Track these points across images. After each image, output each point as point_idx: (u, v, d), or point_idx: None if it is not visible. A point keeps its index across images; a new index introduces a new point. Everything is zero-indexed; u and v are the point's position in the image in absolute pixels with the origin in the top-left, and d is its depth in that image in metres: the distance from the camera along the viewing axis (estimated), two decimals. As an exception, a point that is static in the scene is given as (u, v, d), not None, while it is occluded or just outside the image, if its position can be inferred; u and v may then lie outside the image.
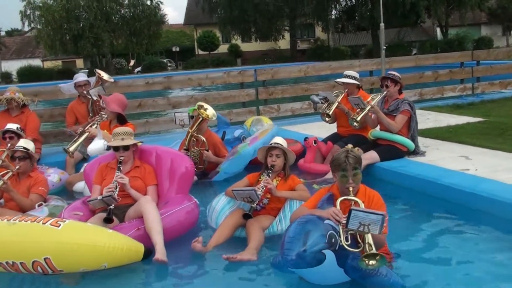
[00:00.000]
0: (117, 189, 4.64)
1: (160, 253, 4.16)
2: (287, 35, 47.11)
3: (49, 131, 8.46)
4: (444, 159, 6.16)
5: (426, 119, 9.21)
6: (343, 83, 6.90)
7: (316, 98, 6.84)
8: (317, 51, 44.19)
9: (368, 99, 6.38)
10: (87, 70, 42.37)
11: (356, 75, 6.92)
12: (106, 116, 6.58)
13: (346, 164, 3.73)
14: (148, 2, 46.41)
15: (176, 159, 5.12)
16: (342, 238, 3.49)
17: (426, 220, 4.98)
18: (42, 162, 7.24)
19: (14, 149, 5.29)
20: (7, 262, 3.93)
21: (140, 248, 4.18)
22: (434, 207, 5.22)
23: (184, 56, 52.88)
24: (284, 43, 48.13)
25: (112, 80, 8.13)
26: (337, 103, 6.70)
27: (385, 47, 9.87)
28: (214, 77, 9.59)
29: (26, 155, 5.26)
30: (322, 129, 7.57)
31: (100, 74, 7.83)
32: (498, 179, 5.14)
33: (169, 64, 51.40)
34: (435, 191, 5.34)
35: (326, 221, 3.57)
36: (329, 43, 49.81)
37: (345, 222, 3.44)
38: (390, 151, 6.27)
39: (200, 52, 52.79)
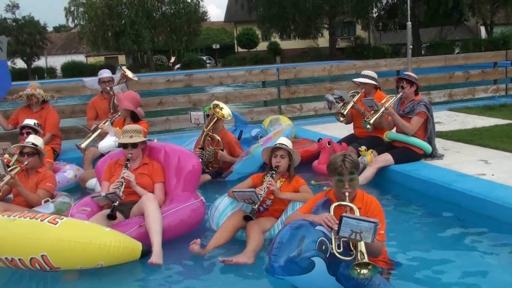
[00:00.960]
0: (123, 186, 4.66)
1: (156, 255, 4.14)
2: (326, 33, 46.71)
3: (70, 127, 8.58)
4: (462, 163, 5.95)
5: (453, 120, 8.96)
6: (360, 83, 6.74)
7: (331, 97, 6.71)
8: (357, 49, 43.69)
9: (383, 101, 6.21)
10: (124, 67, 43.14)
11: (374, 75, 6.76)
12: (119, 113, 6.62)
13: (343, 168, 3.61)
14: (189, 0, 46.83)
15: (183, 156, 5.10)
16: (334, 245, 3.38)
17: (436, 226, 4.81)
18: (62, 158, 7.36)
19: (23, 144, 5.37)
20: (6, 258, 3.96)
21: (137, 246, 4.17)
22: (446, 213, 5.02)
23: (224, 54, 53.14)
24: (323, 41, 47.76)
25: (136, 78, 8.21)
26: (352, 103, 6.56)
27: (411, 47, 9.61)
28: (236, 76, 9.54)
29: (35, 151, 5.34)
30: (343, 130, 7.42)
31: (125, 72, 7.92)
32: (513, 185, 4.92)
33: (208, 61, 51.73)
34: (447, 196, 5.15)
35: (318, 227, 3.47)
36: (369, 42, 49.20)
37: (337, 228, 3.34)
38: (405, 154, 6.10)
39: (240, 49, 52.93)
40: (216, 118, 6.51)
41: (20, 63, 54.13)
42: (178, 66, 48.07)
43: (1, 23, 53.25)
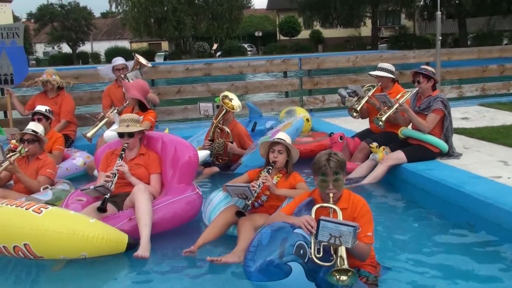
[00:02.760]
0: (116, 177, 4.58)
1: (143, 248, 4.05)
2: (369, 22, 45.88)
3: (89, 114, 8.59)
4: (479, 163, 5.63)
5: (482, 116, 8.55)
6: (377, 76, 6.47)
7: (343, 92, 6.45)
8: (400, 39, 42.73)
9: (398, 96, 5.93)
10: (164, 53, 43.57)
11: (392, 67, 6.45)
12: (128, 102, 6.55)
13: (326, 168, 3.42)
14: (231, -13, 46.77)
15: (180, 147, 4.97)
16: (313, 249, 3.22)
17: (442, 230, 4.54)
18: (75, 145, 7.38)
19: (23, 131, 5.36)
20: (-8, 245, 3.98)
21: (123, 239, 4.12)
22: (454, 217, 4.75)
23: (266, 41, 52.99)
24: (366, 30, 46.95)
25: (150, 65, 8.14)
26: (367, 98, 6.29)
27: (440, 38, 9.16)
28: (256, 65, 9.36)
29: (35, 138, 5.33)
30: (363, 125, 7.16)
31: (138, 59, 7.86)
32: (530, 191, 4.60)
33: (249, 49, 51.64)
34: (457, 199, 4.85)
35: (297, 230, 3.32)
36: (414, 31, 48.08)
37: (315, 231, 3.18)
38: (420, 152, 5.82)
39: (282, 37, 52.60)
40: (225, 110, 6.37)
41: (65, 48, 55.38)
42: (219, 53, 48.18)
43: (48, 9, 54.53)
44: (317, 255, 3.20)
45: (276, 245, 3.21)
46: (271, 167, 4.53)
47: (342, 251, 3.14)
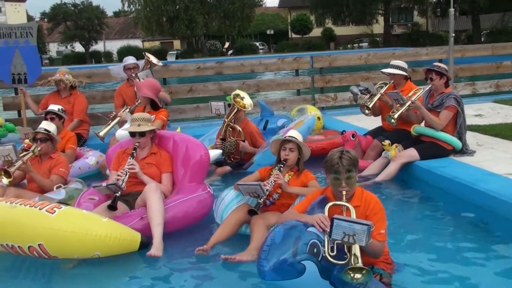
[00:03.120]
0: (127, 175, 4.59)
1: (155, 247, 4.06)
2: (381, 19, 45.63)
3: (104, 113, 8.62)
4: (493, 160, 5.59)
5: (496, 113, 8.48)
6: (389, 73, 6.42)
7: (355, 89, 6.42)
8: (412, 36, 42.45)
9: (410, 94, 5.89)
10: (176, 52, 43.68)
11: (404, 65, 6.41)
12: (139, 101, 6.57)
13: (339, 166, 3.40)
14: (242, -15, 46.74)
15: (191, 146, 4.96)
16: (327, 248, 3.21)
17: (456, 228, 4.53)
18: (89, 144, 7.41)
19: (36, 131, 5.39)
20: (7, 244, 4.01)
21: (136, 238, 4.12)
22: (468, 214, 4.72)
23: (278, 39, 52.89)
24: (378, 28, 46.70)
25: (160, 64, 8.16)
26: (379, 95, 6.26)
27: (453, 35, 9.09)
28: (268, 63, 9.34)
29: (48, 137, 5.34)
30: (375, 122, 7.12)
31: (149, 58, 7.87)
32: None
33: (261, 47, 51.61)
34: (470, 197, 4.83)
35: (310, 229, 3.30)
36: (427, 28, 47.75)
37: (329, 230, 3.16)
38: (433, 149, 5.78)
39: (293, 35, 52.48)
40: (236, 109, 6.36)
41: (78, 47, 55.71)
42: (231, 51, 48.21)
43: (61, 8, 54.88)
44: (331, 254, 3.19)
45: (289, 244, 3.19)
46: (282, 165, 4.52)
47: (356, 249, 3.14)
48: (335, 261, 3.17)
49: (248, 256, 3.88)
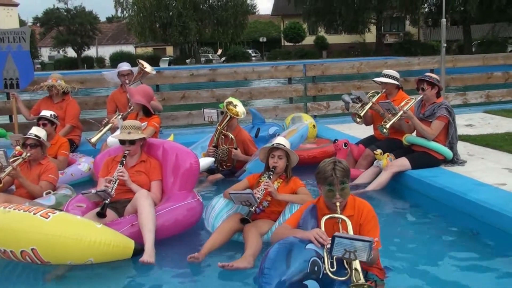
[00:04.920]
0: (116, 183, 4.57)
1: (148, 254, 4.04)
2: (373, 28, 45.89)
3: (93, 119, 8.61)
4: (483, 170, 5.62)
5: (486, 123, 8.54)
6: (382, 82, 6.46)
7: (347, 98, 6.46)
8: (404, 46, 42.74)
9: (402, 104, 5.93)
10: (168, 58, 43.73)
11: (396, 74, 6.45)
12: (132, 107, 6.56)
13: (333, 178, 3.39)
14: (236, -8, 46.89)
15: (181, 154, 4.95)
16: (327, 264, 3.18)
17: (446, 237, 4.55)
18: (80, 150, 7.39)
19: (26, 136, 5.37)
20: (-1, 249, 3.98)
21: (129, 244, 4.10)
22: (458, 224, 4.75)
23: (270, 47, 53.05)
24: (370, 37, 46.95)
25: (154, 72, 8.15)
26: (371, 104, 6.29)
27: (445, 45, 9.17)
28: (261, 71, 9.38)
29: (38, 142, 5.33)
30: (367, 131, 7.15)
31: (142, 65, 7.86)
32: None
33: (253, 54, 51.72)
34: (461, 206, 4.85)
35: (309, 245, 3.25)
36: (419, 37, 48.07)
37: (329, 246, 3.14)
38: (424, 159, 5.81)
39: (286, 43, 52.66)
40: (229, 116, 6.37)
41: (70, 52, 55.59)
42: (223, 58, 48.28)
43: (54, 13, 54.78)
44: (331, 269, 3.16)
45: (290, 263, 3.12)
46: (271, 173, 4.54)
47: (356, 264, 3.11)
48: (337, 278, 3.15)
49: (244, 263, 3.88)
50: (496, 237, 4.34)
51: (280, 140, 4.67)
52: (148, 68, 7.83)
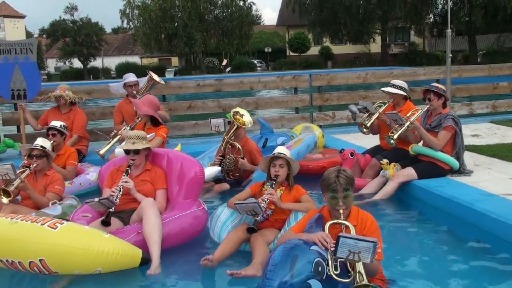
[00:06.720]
0: (121, 192, 4.59)
1: (154, 266, 4.07)
2: (378, 38, 45.96)
3: (100, 130, 8.66)
4: (490, 180, 5.62)
5: (493, 133, 8.53)
6: (389, 92, 6.48)
7: (354, 108, 6.48)
8: (409, 56, 42.77)
9: (409, 114, 5.94)
10: (174, 69, 43.93)
11: (404, 85, 6.46)
12: (140, 118, 6.60)
13: (337, 184, 3.45)
14: (241, 3, 47.12)
15: (185, 163, 4.97)
16: (331, 266, 3.24)
17: (452, 247, 4.52)
18: (88, 160, 7.42)
19: (32, 147, 5.41)
20: (7, 260, 3.99)
21: (137, 254, 4.11)
22: (465, 234, 4.74)
23: (276, 57, 53.22)
24: (375, 47, 47.04)
25: (162, 82, 8.20)
26: (378, 114, 6.31)
27: (450, 55, 9.21)
28: (267, 81, 9.43)
29: (43, 153, 5.36)
30: (373, 141, 7.17)
31: (152, 76, 7.91)
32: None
33: (259, 65, 51.87)
34: (468, 217, 4.85)
35: (313, 247, 3.31)
36: (424, 48, 48.11)
37: (333, 249, 3.18)
38: (430, 169, 5.82)
39: (291, 53, 52.80)
40: (236, 126, 6.39)
41: (76, 63, 55.89)
42: (229, 69, 48.45)
43: (60, 24, 55.14)
44: (335, 272, 3.21)
45: (294, 264, 3.18)
46: (274, 182, 4.56)
47: (360, 267, 3.17)
48: (340, 279, 3.19)
49: (253, 271, 3.89)
50: (503, 248, 4.32)
51: (280, 149, 4.70)
52: (157, 78, 7.88)
